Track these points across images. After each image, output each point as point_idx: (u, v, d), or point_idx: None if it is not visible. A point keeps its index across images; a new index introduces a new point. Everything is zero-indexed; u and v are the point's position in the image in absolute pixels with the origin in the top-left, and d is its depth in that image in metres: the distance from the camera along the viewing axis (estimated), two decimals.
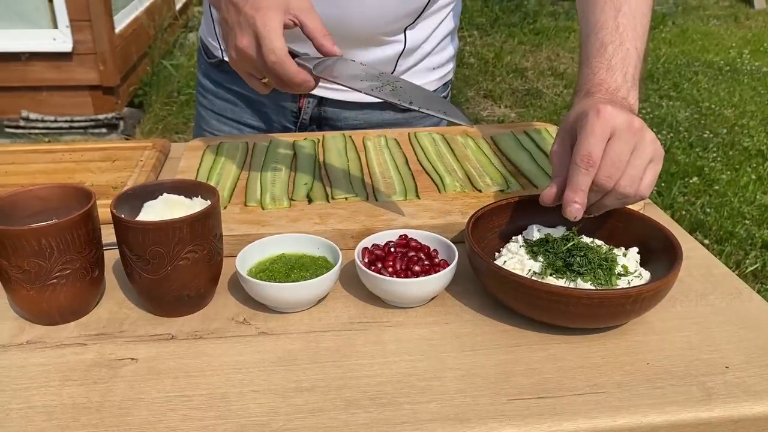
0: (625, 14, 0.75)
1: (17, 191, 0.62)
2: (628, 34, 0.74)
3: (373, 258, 0.65)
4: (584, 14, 0.80)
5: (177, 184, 0.64)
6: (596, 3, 0.78)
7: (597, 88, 0.68)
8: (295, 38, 0.72)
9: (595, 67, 0.71)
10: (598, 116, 0.61)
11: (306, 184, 0.82)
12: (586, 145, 0.60)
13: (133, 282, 0.61)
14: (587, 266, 0.62)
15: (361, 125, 1.06)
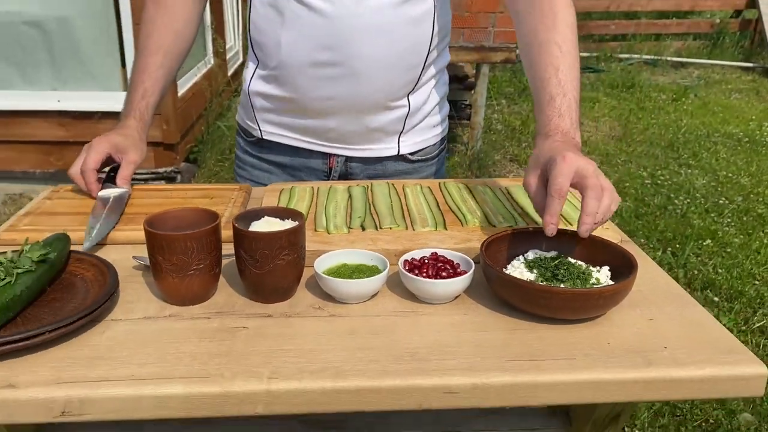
0: (563, 71, 1.01)
1: (166, 211, 0.88)
2: (568, 86, 1.00)
3: (411, 266, 0.89)
4: (531, 73, 1.06)
5: (274, 209, 0.90)
6: (539, 63, 1.04)
7: (554, 132, 0.96)
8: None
9: (549, 115, 0.98)
10: (564, 161, 0.87)
11: (360, 217, 1.08)
12: (558, 182, 0.86)
13: (243, 276, 0.86)
14: (569, 277, 0.86)
15: (379, 175, 1.32)
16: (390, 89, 1.23)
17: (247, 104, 1.35)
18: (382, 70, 1.20)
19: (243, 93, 1.35)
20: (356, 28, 1.14)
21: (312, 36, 1.16)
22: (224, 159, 3.92)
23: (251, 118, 1.35)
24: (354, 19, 1.14)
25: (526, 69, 1.08)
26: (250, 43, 1.29)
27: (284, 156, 1.34)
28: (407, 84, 1.25)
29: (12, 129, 3.34)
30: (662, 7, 7.99)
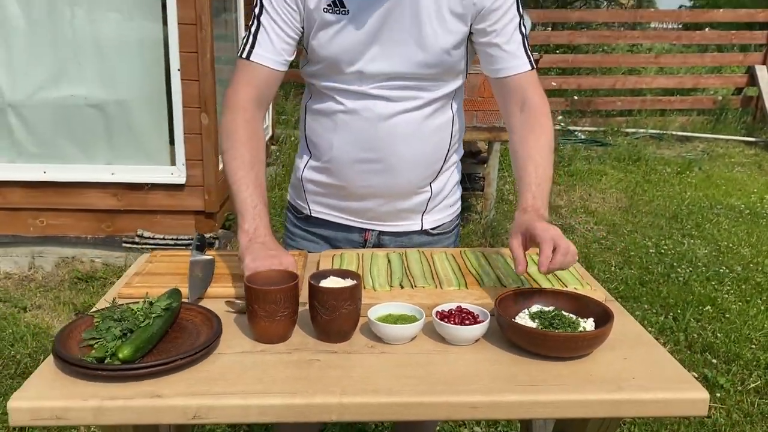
0: (541, 166, 1.38)
1: (258, 273, 1.17)
2: (543, 179, 1.38)
3: (442, 316, 1.17)
4: (517, 164, 1.43)
5: (338, 271, 1.19)
6: (522, 158, 1.40)
7: (531, 209, 1.31)
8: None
9: (527, 198, 1.34)
10: (546, 232, 1.20)
11: (398, 278, 1.36)
12: (546, 248, 1.17)
13: (314, 322, 1.14)
14: (562, 325, 1.13)
15: (405, 245, 1.61)
16: (417, 180, 1.55)
17: (299, 188, 1.65)
18: (412, 166, 1.52)
19: (295, 178, 1.66)
20: (393, 134, 1.47)
21: (358, 140, 1.48)
22: None
23: (302, 199, 1.65)
24: (391, 128, 1.46)
25: (513, 161, 1.45)
26: (305, 140, 1.60)
27: (328, 230, 1.64)
28: (431, 175, 1.57)
29: (70, 198, 3.70)
30: (666, 84, 8.41)
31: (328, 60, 1.43)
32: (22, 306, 3.36)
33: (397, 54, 1.41)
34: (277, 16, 1.41)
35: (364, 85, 1.44)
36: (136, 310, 1.11)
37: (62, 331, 1.08)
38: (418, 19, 1.38)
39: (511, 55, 1.43)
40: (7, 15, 3.48)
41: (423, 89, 1.46)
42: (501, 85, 1.47)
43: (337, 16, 1.38)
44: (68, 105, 3.62)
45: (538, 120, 1.42)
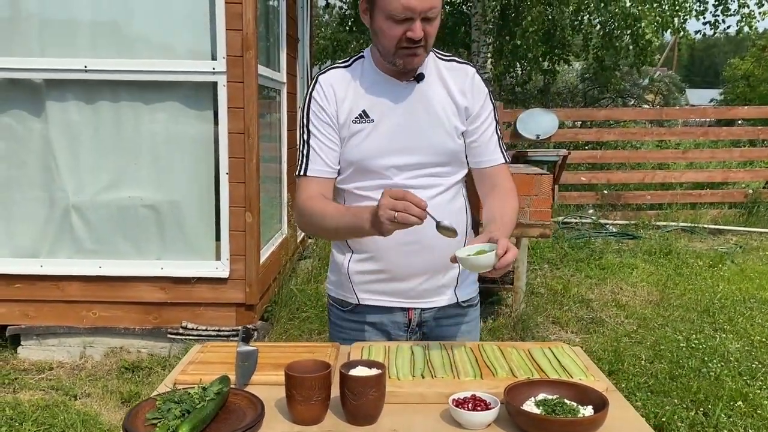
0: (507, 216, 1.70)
1: (294, 362, 1.35)
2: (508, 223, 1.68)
3: (457, 403, 1.32)
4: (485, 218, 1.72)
5: (365, 362, 1.37)
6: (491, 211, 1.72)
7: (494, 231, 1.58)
8: None
9: (492, 227, 1.62)
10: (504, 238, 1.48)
11: (420, 368, 1.52)
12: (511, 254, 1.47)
13: (344, 406, 1.30)
14: (563, 412, 1.27)
15: (442, 318, 1.82)
16: (446, 257, 1.74)
17: (344, 282, 1.84)
18: (441, 247, 1.71)
19: (340, 274, 1.85)
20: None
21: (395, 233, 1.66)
22: (294, 318, 4.44)
23: (349, 290, 1.84)
24: None
25: (484, 218, 1.73)
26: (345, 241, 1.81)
27: (376, 315, 1.83)
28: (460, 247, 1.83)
29: (121, 292, 3.97)
30: (696, 178, 8.55)
31: (358, 162, 1.71)
32: (72, 394, 3.56)
33: (417, 147, 1.71)
34: (322, 136, 1.71)
35: (395, 178, 1.70)
36: (193, 394, 1.30)
37: (130, 411, 1.27)
38: (431, 116, 1.71)
39: (490, 151, 1.78)
40: (73, 124, 3.90)
41: (442, 176, 1.75)
42: (480, 174, 1.80)
43: (363, 125, 1.69)
44: (125, 206, 3.96)
45: (506, 194, 1.76)
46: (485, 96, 1.77)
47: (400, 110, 1.70)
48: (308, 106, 1.73)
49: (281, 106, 5.09)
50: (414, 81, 1.70)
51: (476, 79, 1.77)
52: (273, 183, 4.99)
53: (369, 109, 1.70)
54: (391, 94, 1.70)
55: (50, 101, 3.87)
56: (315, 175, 1.71)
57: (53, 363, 3.97)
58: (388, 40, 1.60)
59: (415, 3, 1.53)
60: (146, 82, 3.83)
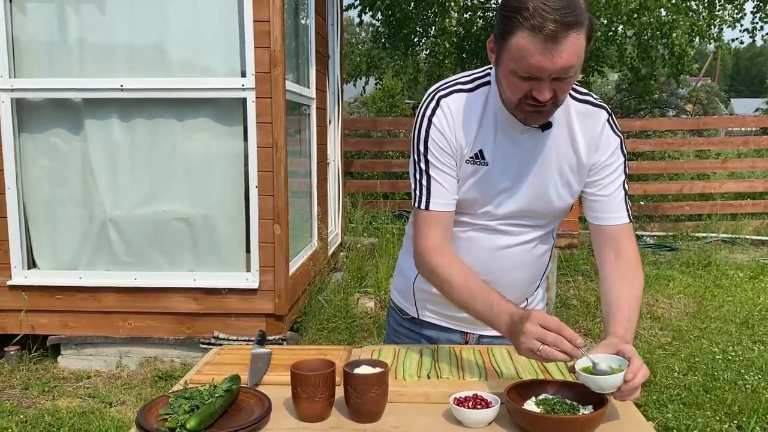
0: (633, 309, 1.51)
1: (303, 360, 1.40)
2: (633, 319, 1.49)
3: (458, 402, 1.35)
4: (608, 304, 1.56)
5: (369, 360, 1.40)
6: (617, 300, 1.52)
7: (620, 337, 1.41)
8: None
9: (619, 329, 1.44)
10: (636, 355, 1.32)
11: (427, 369, 1.55)
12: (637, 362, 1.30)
13: (348, 403, 1.34)
14: (562, 411, 1.29)
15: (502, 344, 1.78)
16: (519, 297, 1.76)
17: (409, 294, 1.85)
18: (518, 285, 1.74)
19: (406, 285, 1.84)
20: (508, 262, 1.68)
21: (475, 263, 1.59)
22: (323, 329, 4.49)
23: (411, 303, 1.85)
24: (508, 257, 1.68)
25: (605, 300, 1.57)
26: None
27: (432, 331, 1.84)
28: (531, 291, 1.81)
29: (155, 302, 4.09)
30: (736, 188, 8.34)
31: (463, 203, 1.62)
32: (108, 401, 3.68)
33: (524, 202, 1.61)
34: (444, 166, 1.56)
35: (491, 221, 1.64)
36: (203, 391, 1.35)
37: (144, 407, 1.33)
38: (548, 172, 1.59)
39: (613, 207, 1.60)
40: (111, 142, 4.06)
41: (539, 227, 1.68)
42: (598, 231, 1.62)
43: (476, 167, 1.57)
44: (160, 219, 4.09)
45: (632, 271, 1.58)
46: (616, 147, 1.59)
47: (516, 159, 1.56)
48: (427, 132, 1.55)
49: (311, 122, 5.19)
50: (539, 129, 1.53)
51: (607, 129, 1.58)
52: (303, 197, 5.09)
53: (486, 150, 1.56)
54: (511, 138, 1.55)
55: (89, 120, 4.04)
56: (439, 210, 1.58)
57: (91, 372, 4.11)
58: (511, 93, 1.42)
59: (547, 64, 1.30)
60: (179, 100, 3.97)
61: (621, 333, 1.44)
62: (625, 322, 1.46)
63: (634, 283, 1.56)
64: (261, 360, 1.62)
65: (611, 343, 1.39)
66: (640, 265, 1.62)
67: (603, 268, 1.63)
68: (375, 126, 9.30)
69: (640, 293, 1.57)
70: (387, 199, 7.88)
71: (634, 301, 1.53)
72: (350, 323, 4.72)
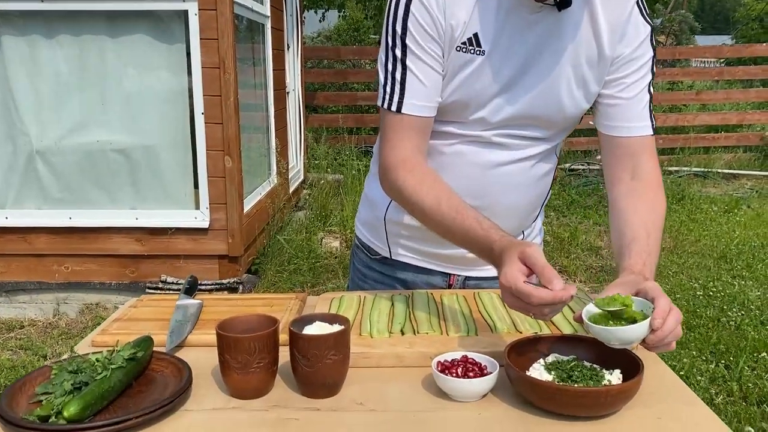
0: (653, 237, 1.18)
1: (235, 317, 1.05)
2: (654, 250, 1.17)
3: (443, 367, 1.01)
4: (621, 230, 1.22)
5: (324, 315, 1.06)
6: (634, 225, 1.19)
7: (639, 274, 1.09)
8: None
9: (637, 263, 1.12)
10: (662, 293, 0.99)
11: (400, 323, 1.21)
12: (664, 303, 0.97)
13: (296, 374, 1.00)
14: (582, 378, 0.96)
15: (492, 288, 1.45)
16: (516, 227, 1.42)
17: (379, 228, 1.49)
18: (515, 213, 1.39)
19: (374, 217, 1.49)
20: (503, 182, 1.33)
21: (464, 186, 1.26)
22: (283, 270, 4.15)
23: (381, 240, 1.49)
24: (503, 176, 1.32)
25: (618, 225, 1.25)
26: None
27: (407, 273, 1.49)
28: (529, 221, 1.46)
29: (94, 244, 3.67)
30: (709, 121, 8.14)
31: (450, 108, 1.27)
32: (42, 354, 3.31)
33: (528, 105, 1.26)
34: (426, 55, 1.20)
35: (485, 131, 1.29)
36: (96, 360, 0.99)
37: (14, 384, 0.97)
38: (556, 76, 1.24)
39: (635, 115, 1.27)
40: (37, 63, 3.54)
41: (543, 141, 1.33)
42: (613, 144, 1.29)
43: (469, 57, 1.21)
44: (94, 150, 3.63)
45: (652, 190, 1.26)
46: (645, 38, 1.24)
47: (522, 47, 1.21)
48: (407, 6, 1.19)
49: (265, 43, 4.69)
50: (554, 6, 1.16)
51: (636, 13, 1.23)
52: (258, 127, 4.64)
53: (483, 33, 1.20)
54: (518, 18, 1.19)
55: (6, 36, 3.50)
56: (414, 114, 1.22)
57: (24, 321, 3.71)
58: None
59: None
60: (110, 13, 3.45)
61: (638, 268, 1.11)
62: (644, 255, 1.14)
63: (655, 206, 1.25)
64: (186, 314, 1.27)
65: (627, 282, 1.07)
66: (661, 186, 1.29)
67: (614, 189, 1.30)
68: (339, 55, 8.71)
69: (661, 220, 1.24)
70: (352, 134, 7.42)
71: (655, 229, 1.21)
72: (314, 264, 4.39)
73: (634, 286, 1.04)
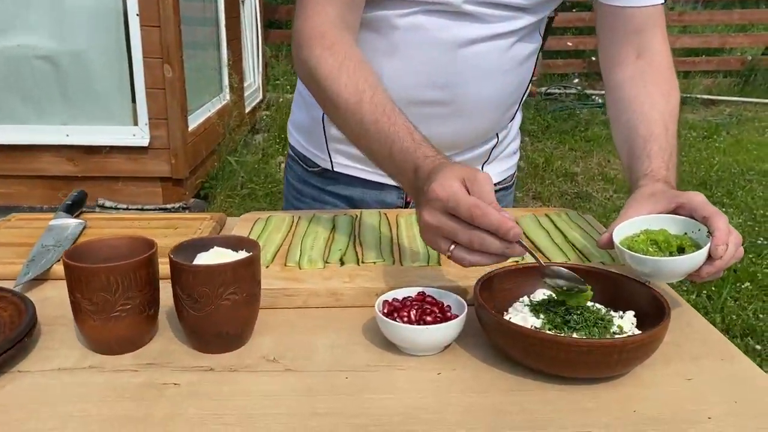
0: (671, 132, 0.94)
1: (94, 239, 0.74)
2: (673, 148, 0.93)
3: (391, 309, 0.73)
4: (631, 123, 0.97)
5: (226, 239, 0.75)
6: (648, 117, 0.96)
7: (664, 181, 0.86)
8: None
9: (659, 166, 0.89)
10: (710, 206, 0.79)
11: (340, 249, 0.92)
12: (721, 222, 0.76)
13: (181, 320, 0.70)
14: (583, 324, 0.69)
15: None
16: (489, 127, 1.12)
17: (316, 132, 1.17)
18: (488, 110, 1.08)
19: (310, 117, 1.17)
20: (474, 66, 1.01)
21: (424, 71, 1.00)
22: (235, 195, 3.82)
23: (320, 147, 1.18)
24: (474, 57, 1.00)
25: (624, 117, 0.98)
26: None
27: (355, 188, 1.18)
28: (505, 121, 1.16)
29: (21, 163, 3.29)
30: (690, 44, 7.83)
31: None
32: None
33: None
34: None
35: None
36: None
37: None
38: None
39: None
40: None
41: (526, 11, 1.03)
42: (614, 18, 1.02)
43: None
44: (15, 57, 3.20)
45: (664, 74, 1.01)
46: None
47: None
48: None
49: None
50: None
51: None
52: (206, 34, 4.18)
53: None
54: None
55: None
56: None
57: None
58: None
59: None
60: None
61: (663, 173, 0.88)
62: (666, 156, 0.91)
63: (671, 94, 1.00)
64: (60, 238, 0.96)
65: (657, 194, 0.83)
66: (674, 69, 1.03)
67: (616, 72, 1.03)
68: None
69: (677, 112, 0.99)
70: None
71: (672, 123, 0.96)
72: (271, 189, 4.06)
73: (671, 200, 0.80)
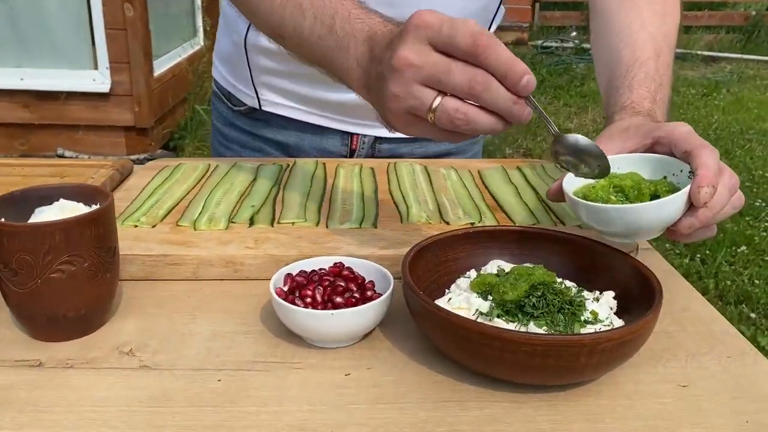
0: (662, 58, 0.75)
1: None
2: (665, 77, 0.74)
3: (293, 286, 0.55)
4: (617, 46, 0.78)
5: (76, 189, 0.57)
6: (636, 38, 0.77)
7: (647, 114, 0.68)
8: None
9: (644, 97, 0.70)
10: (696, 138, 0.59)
11: (253, 206, 0.74)
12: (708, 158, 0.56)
13: (5, 296, 0.52)
14: (543, 309, 0.51)
15: (417, 157, 0.98)
16: None
17: (239, 62, 0.97)
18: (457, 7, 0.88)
19: (231, 44, 0.98)
20: None
21: None
22: (204, 147, 3.61)
23: (245, 81, 0.98)
24: None
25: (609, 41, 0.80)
26: None
27: (289, 132, 0.99)
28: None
29: None
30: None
31: None
32: None
33: None
34: None
35: None
36: None
37: None
38: None
39: None
40: None
41: None
42: None
43: None
44: None
45: None
46: None
47: None
48: None
49: None
50: None
51: None
52: None
53: None
54: None
55: None
56: None
57: None
58: None
59: None
60: None
61: (647, 105, 0.69)
62: (653, 85, 0.72)
63: (667, 14, 0.81)
64: None
65: (632, 127, 0.64)
66: None
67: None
68: None
69: (673, 34, 0.81)
70: None
71: (667, 48, 0.77)
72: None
73: (646, 135, 0.61)
